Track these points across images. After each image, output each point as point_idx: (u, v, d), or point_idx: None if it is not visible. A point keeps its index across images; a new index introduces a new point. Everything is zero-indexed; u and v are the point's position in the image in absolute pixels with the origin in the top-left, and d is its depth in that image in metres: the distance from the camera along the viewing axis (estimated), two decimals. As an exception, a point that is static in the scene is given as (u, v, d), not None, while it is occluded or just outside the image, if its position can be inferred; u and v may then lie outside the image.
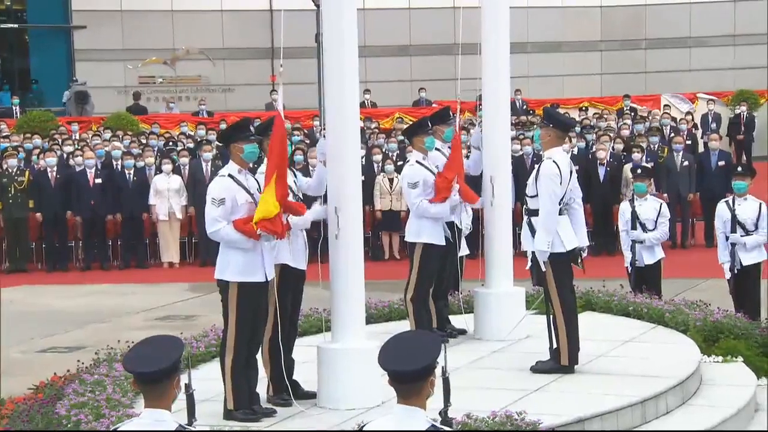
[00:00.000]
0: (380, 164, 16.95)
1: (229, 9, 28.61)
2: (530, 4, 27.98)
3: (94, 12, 27.36)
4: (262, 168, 7.57)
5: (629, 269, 10.82)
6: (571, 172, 8.09)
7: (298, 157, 15.63)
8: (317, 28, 25.07)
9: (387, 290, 11.67)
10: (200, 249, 16.34)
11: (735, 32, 30.69)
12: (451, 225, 9.20)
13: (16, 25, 28.54)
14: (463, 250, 9.59)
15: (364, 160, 15.68)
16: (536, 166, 8.27)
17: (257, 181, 7.43)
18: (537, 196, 8.03)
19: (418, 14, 29.64)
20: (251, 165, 7.56)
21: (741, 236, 10.22)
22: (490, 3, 9.22)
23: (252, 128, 7.66)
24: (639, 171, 11.26)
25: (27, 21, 28.76)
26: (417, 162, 9.18)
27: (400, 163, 17.04)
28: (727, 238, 10.32)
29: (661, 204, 10.97)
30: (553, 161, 8.01)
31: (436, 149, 9.35)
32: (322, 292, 7.79)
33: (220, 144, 7.93)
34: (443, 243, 9.09)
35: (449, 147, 9.59)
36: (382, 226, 16.57)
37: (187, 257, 16.61)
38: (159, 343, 4.26)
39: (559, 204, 8.00)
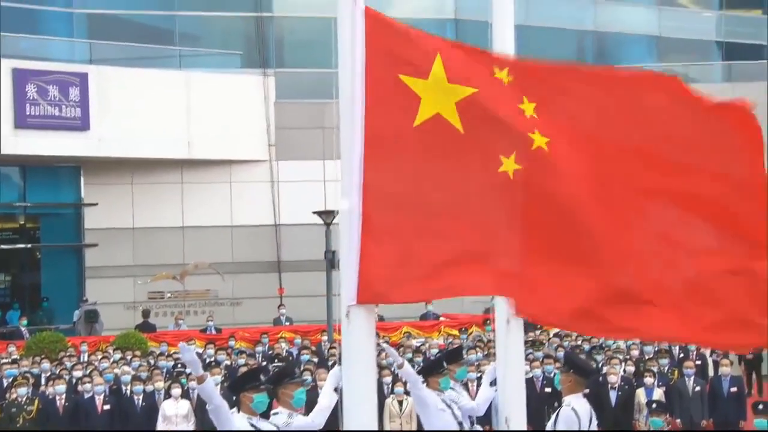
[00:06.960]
0: (390, 386, 16.76)
1: (238, 225, 29.11)
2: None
3: (107, 230, 27.85)
4: (277, 412, 7.56)
5: (649, 508, 10.63)
6: (590, 420, 8.08)
7: (307, 377, 15.47)
8: (326, 245, 25.45)
9: None
10: (207, 476, 16.05)
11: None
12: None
13: (29, 245, 28.91)
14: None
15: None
16: (556, 411, 8.26)
17: (276, 426, 7.44)
18: (556, 443, 7.99)
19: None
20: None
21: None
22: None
23: (263, 377, 7.64)
24: (654, 405, 11.20)
25: (40, 240, 29.16)
26: (432, 401, 9.31)
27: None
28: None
29: (678, 441, 10.87)
30: (572, 408, 8.01)
31: (450, 388, 9.49)
32: None
33: (231, 392, 7.96)
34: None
35: (462, 384, 9.73)
36: (393, 450, 16.23)
37: (194, 484, 16.26)
38: None
39: (579, 451, 7.96)
